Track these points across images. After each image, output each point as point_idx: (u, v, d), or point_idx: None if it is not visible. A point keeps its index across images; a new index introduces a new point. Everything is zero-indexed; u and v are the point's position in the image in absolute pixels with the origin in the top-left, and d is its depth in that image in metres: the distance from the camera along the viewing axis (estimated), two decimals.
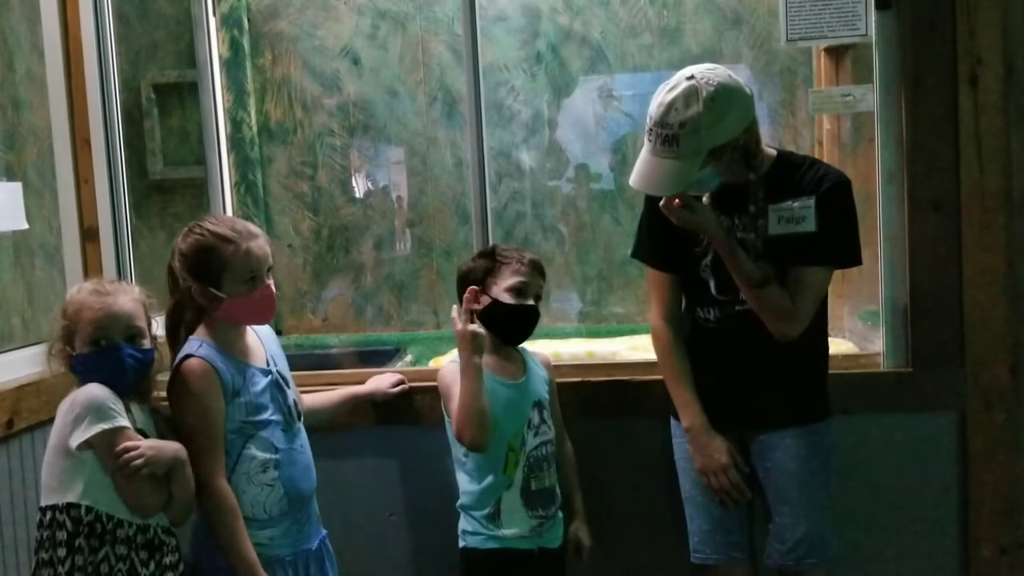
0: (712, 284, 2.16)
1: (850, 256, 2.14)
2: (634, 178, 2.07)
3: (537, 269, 2.29)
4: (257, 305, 2.10)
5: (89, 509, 1.88)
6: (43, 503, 1.92)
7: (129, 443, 1.88)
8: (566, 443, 2.41)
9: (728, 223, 2.12)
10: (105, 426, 1.87)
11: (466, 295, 2.24)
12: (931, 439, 2.47)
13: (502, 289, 2.23)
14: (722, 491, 2.16)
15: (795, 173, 2.11)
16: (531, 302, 2.25)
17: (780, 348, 2.10)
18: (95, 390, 1.91)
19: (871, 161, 2.53)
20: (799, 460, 2.15)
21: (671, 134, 1.98)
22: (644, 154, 2.06)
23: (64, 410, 1.92)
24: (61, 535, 1.87)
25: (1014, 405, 2.42)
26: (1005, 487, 2.43)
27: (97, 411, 1.88)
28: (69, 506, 1.88)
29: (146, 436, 1.97)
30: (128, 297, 1.99)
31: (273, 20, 3.48)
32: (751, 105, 2.05)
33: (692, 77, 1.99)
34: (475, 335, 2.16)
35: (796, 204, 2.07)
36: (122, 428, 1.90)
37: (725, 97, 1.98)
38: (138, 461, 1.87)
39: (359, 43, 3.46)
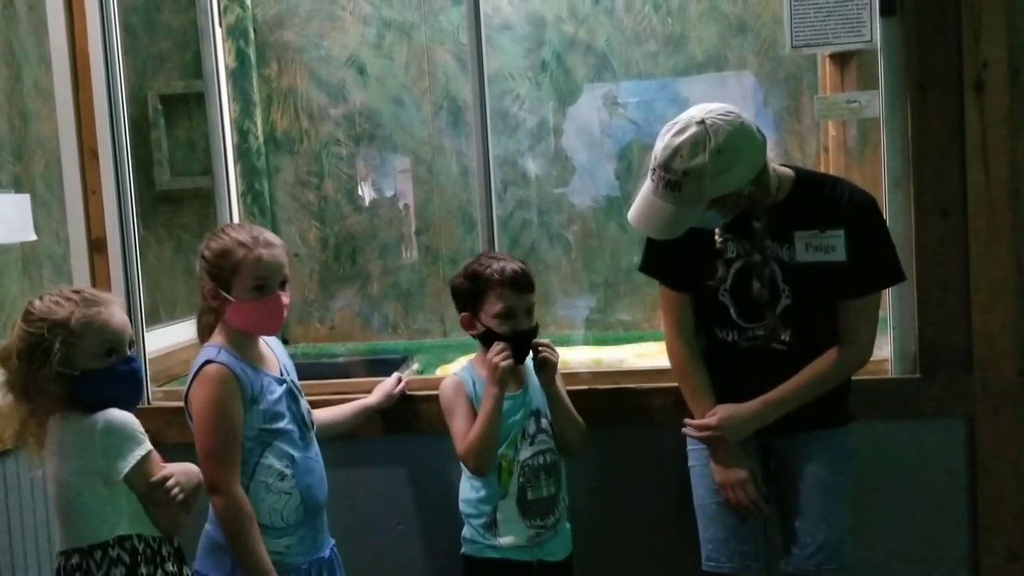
0: (732, 310, 2.12)
1: (893, 275, 2.12)
2: (633, 215, 2.05)
3: (519, 286, 2.20)
4: (263, 314, 2.10)
5: (140, 537, 1.81)
6: (77, 543, 1.79)
7: (163, 473, 1.83)
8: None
9: (744, 247, 2.09)
10: (140, 452, 1.81)
11: (460, 321, 2.26)
12: (940, 445, 2.46)
13: (490, 316, 2.20)
14: (740, 506, 2.14)
15: (818, 194, 2.07)
16: (522, 327, 2.19)
17: (801, 359, 2.10)
18: (120, 414, 1.82)
19: (877, 167, 2.53)
20: (820, 464, 2.14)
21: (674, 180, 1.94)
22: (645, 191, 2.03)
23: (83, 438, 1.78)
24: (119, 571, 1.78)
25: (1023, 410, 2.41)
26: (1014, 492, 2.42)
27: (133, 437, 1.81)
28: (121, 540, 1.79)
29: None
30: (119, 305, 1.89)
31: (279, 30, 3.50)
32: (760, 156, 1.99)
33: (703, 122, 1.93)
34: (495, 368, 2.14)
35: (825, 232, 2.04)
36: (150, 452, 1.84)
37: (733, 149, 1.92)
38: (175, 492, 1.83)
39: (365, 53, 3.48)
